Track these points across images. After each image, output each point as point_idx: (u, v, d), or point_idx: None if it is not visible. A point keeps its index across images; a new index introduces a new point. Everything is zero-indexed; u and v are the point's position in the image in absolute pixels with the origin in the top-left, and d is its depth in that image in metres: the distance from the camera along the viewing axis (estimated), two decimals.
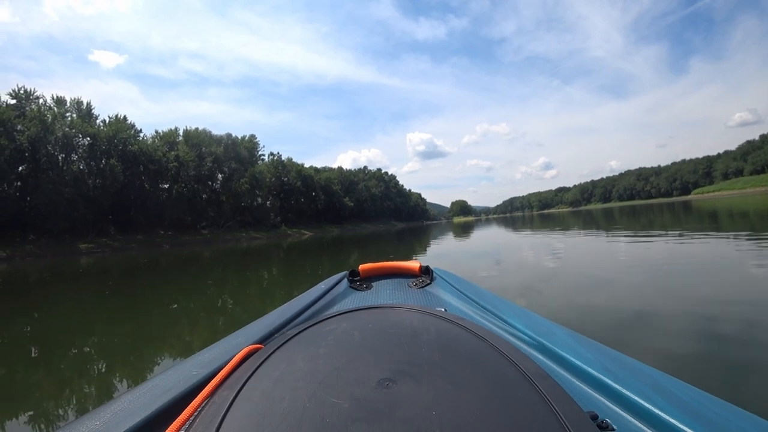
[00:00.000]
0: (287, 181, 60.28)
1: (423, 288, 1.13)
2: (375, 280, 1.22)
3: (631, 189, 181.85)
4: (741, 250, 5.35)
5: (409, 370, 0.48)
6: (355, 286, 1.17)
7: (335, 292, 1.11)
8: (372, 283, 1.20)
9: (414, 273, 1.23)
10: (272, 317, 0.88)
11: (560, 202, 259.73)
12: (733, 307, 2.86)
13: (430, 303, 0.99)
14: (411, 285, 1.15)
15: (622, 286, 4.00)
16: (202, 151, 45.09)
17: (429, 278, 1.19)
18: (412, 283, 1.16)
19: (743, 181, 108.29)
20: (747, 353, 2.03)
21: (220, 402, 0.46)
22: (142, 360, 2.91)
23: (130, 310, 4.94)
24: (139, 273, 10.39)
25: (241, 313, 4.39)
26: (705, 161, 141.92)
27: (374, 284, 1.18)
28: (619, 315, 2.96)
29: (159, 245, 33.32)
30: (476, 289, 1.10)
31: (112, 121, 39.03)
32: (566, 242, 9.27)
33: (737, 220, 11.02)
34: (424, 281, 1.17)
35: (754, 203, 21.93)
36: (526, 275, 5.12)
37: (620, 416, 0.50)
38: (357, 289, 1.15)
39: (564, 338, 0.72)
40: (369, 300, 1.04)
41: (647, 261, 5.42)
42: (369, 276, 1.24)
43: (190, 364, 0.65)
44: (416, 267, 1.23)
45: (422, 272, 1.22)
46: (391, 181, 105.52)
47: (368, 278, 1.23)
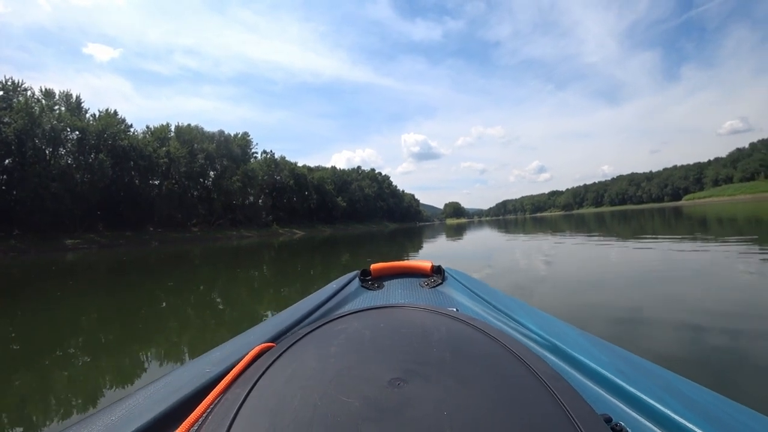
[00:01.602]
0: (280, 180, 59.93)
1: (434, 288, 1.12)
2: (386, 280, 1.22)
3: (623, 194, 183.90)
4: (729, 255, 5.31)
5: (420, 370, 0.48)
6: (366, 285, 1.17)
7: (347, 292, 1.11)
8: (383, 282, 1.19)
9: (426, 273, 1.23)
10: (284, 316, 0.88)
11: (553, 206, 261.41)
12: (721, 309, 2.96)
13: (441, 303, 0.99)
14: (422, 285, 1.15)
15: (611, 286, 4.15)
16: (193, 147, 44.62)
17: (441, 278, 1.19)
18: (424, 283, 1.16)
19: (733, 188, 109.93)
20: (732, 347, 2.20)
21: (232, 399, 0.46)
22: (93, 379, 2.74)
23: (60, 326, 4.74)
24: (113, 273, 10.15)
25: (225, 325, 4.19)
26: (696, 168, 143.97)
27: (386, 284, 1.18)
28: (607, 312, 3.12)
29: (148, 242, 32.85)
30: (488, 289, 1.10)
31: (102, 115, 38.37)
32: (558, 246, 9.23)
33: (726, 226, 11.10)
34: (435, 281, 1.17)
35: (744, 210, 22.16)
36: (518, 276, 5.05)
37: (634, 419, 0.50)
38: (368, 288, 1.15)
39: (577, 339, 0.72)
40: (380, 299, 1.03)
41: (636, 264, 5.45)
42: (380, 275, 1.24)
43: (203, 362, 0.66)
44: (428, 267, 1.22)
45: (434, 272, 1.22)
46: (384, 181, 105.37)
47: (380, 278, 1.24)
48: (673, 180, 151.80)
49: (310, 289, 4.69)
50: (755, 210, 20.83)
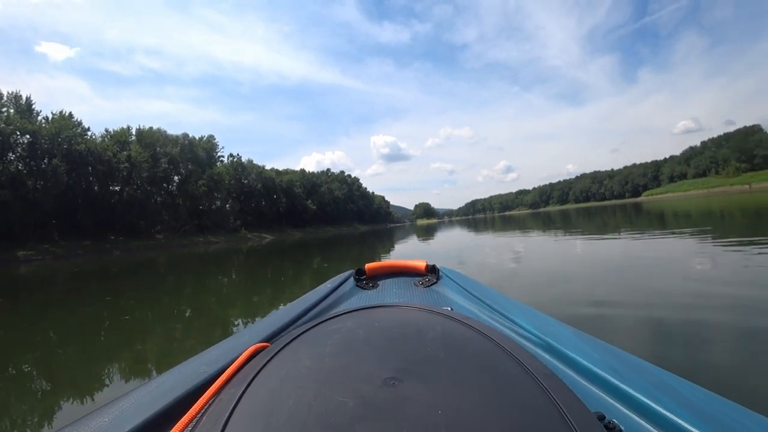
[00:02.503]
0: (247, 184, 58.52)
1: (429, 287, 1.12)
2: (381, 279, 1.21)
3: (586, 191, 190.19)
4: (684, 246, 5.55)
5: (415, 369, 0.48)
6: (361, 284, 1.17)
7: (341, 291, 1.11)
8: (378, 281, 1.19)
9: (420, 272, 1.23)
10: (278, 316, 0.88)
11: (520, 204, 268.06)
12: (674, 293, 3.27)
13: (436, 302, 0.98)
14: (417, 284, 1.15)
15: (576, 276, 4.49)
16: (156, 151, 42.92)
17: (435, 277, 1.19)
18: (418, 282, 1.16)
19: (687, 184, 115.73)
20: (685, 329, 2.44)
21: (227, 400, 0.46)
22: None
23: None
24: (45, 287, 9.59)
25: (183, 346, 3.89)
26: (653, 165, 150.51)
27: (380, 283, 1.18)
28: (573, 299, 3.43)
29: (109, 251, 31.31)
30: (483, 288, 1.10)
31: (56, 117, 36.25)
32: (526, 242, 9.41)
33: (681, 220, 11.66)
34: (430, 280, 1.17)
35: (697, 204, 23.36)
36: (490, 273, 5.10)
37: (627, 417, 0.50)
38: (363, 287, 1.15)
39: (571, 338, 0.72)
40: (375, 299, 1.03)
41: (598, 256, 5.73)
42: (375, 275, 1.24)
43: (197, 362, 0.66)
44: (422, 266, 1.22)
45: (428, 271, 1.22)
46: (354, 183, 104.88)
47: (374, 277, 1.23)
48: (633, 177, 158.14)
49: (282, 300, 4.46)
50: (707, 204, 22.07)
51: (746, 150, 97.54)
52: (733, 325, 2.42)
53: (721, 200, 27.20)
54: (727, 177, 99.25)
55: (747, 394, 1.63)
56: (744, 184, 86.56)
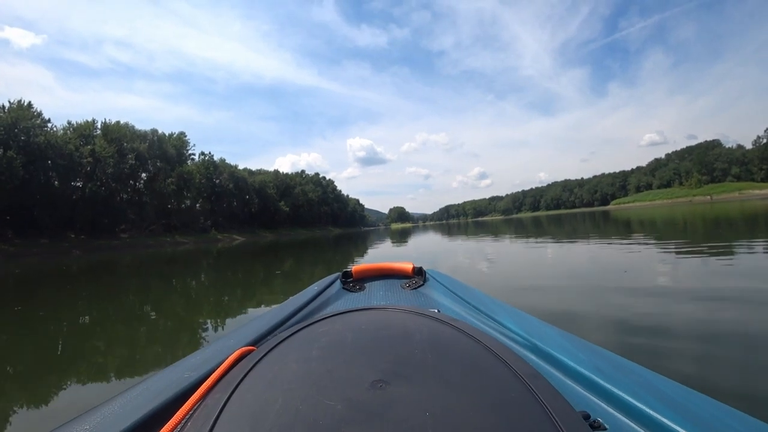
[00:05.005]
0: (219, 183, 56.94)
1: (416, 289, 1.13)
2: (368, 281, 1.21)
3: (557, 199, 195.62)
4: (650, 252, 5.63)
5: (402, 372, 0.48)
6: (348, 287, 1.16)
7: (328, 294, 1.11)
8: (365, 284, 1.19)
9: (407, 274, 1.23)
10: (265, 319, 0.88)
11: (494, 210, 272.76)
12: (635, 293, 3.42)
13: (423, 304, 0.99)
14: (404, 286, 1.15)
15: (545, 277, 4.77)
16: (123, 146, 41.20)
17: (422, 279, 1.19)
18: (405, 284, 1.16)
19: (653, 194, 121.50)
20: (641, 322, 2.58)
21: (212, 405, 0.46)
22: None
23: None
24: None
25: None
26: (621, 175, 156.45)
27: (367, 285, 1.17)
28: (540, 298, 3.61)
29: (68, 251, 29.77)
30: (469, 290, 1.10)
31: (13, 107, 34.30)
32: (497, 247, 9.48)
33: (646, 227, 12.02)
34: (417, 282, 1.17)
35: (661, 213, 24.34)
36: (463, 275, 4.94)
37: (612, 416, 0.51)
38: (350, 290, 1.14)
39: (556, 339, 0.73)
40: (362, 301, 1.04)
41: (565, 261, 5.99)
42: (362, 277, 1.23)
43: (182, 367, 0.65)
44: (409, 268, 1.22)
45: (415, 273, 1.22)
46: (329, 185, 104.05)
47: (361, 279, 1.23)
48: (602, 186, 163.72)
49: (246, 312, 4.08)
50: (670, 213, 23.08)
51: (707, 163, 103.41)
52: (695, 318, 2.62)
53: (684, 210, 28.57)
54: (690, 188, 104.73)
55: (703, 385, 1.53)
56: (705, 195, 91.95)
